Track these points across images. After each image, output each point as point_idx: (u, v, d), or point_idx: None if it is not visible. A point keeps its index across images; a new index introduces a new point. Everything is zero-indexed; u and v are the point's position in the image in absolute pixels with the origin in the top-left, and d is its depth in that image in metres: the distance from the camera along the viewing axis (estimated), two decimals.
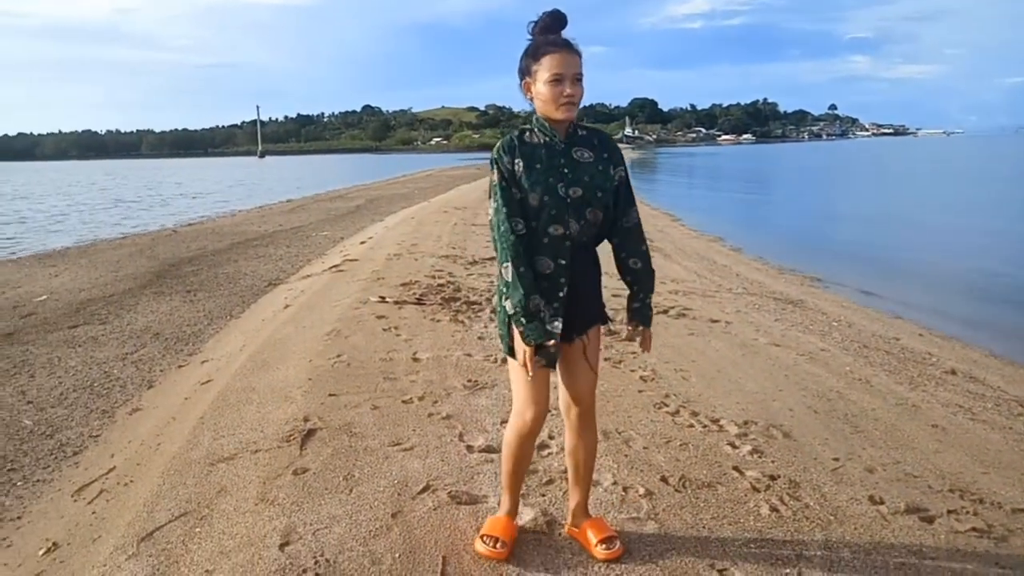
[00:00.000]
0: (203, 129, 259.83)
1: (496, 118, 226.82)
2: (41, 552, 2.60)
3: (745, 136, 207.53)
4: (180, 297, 7.47)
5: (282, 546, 2.38)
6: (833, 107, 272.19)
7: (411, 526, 2.51)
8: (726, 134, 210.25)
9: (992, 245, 12.62)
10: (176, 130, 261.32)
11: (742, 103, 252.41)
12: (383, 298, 6.21)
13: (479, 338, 5.07)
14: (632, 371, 4.37)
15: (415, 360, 4.50)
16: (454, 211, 15.28)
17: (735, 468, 3.05)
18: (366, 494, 2.73)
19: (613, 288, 3.14)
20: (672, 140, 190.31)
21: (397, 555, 2.33)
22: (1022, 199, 22.09)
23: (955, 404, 4.19)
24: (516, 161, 2.13)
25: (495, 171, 2.15)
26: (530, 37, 2.17)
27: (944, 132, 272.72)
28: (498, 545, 2.33)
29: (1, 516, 2.98)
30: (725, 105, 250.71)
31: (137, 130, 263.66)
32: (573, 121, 2.19)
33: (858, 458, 3.22)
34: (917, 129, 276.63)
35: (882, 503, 2.78)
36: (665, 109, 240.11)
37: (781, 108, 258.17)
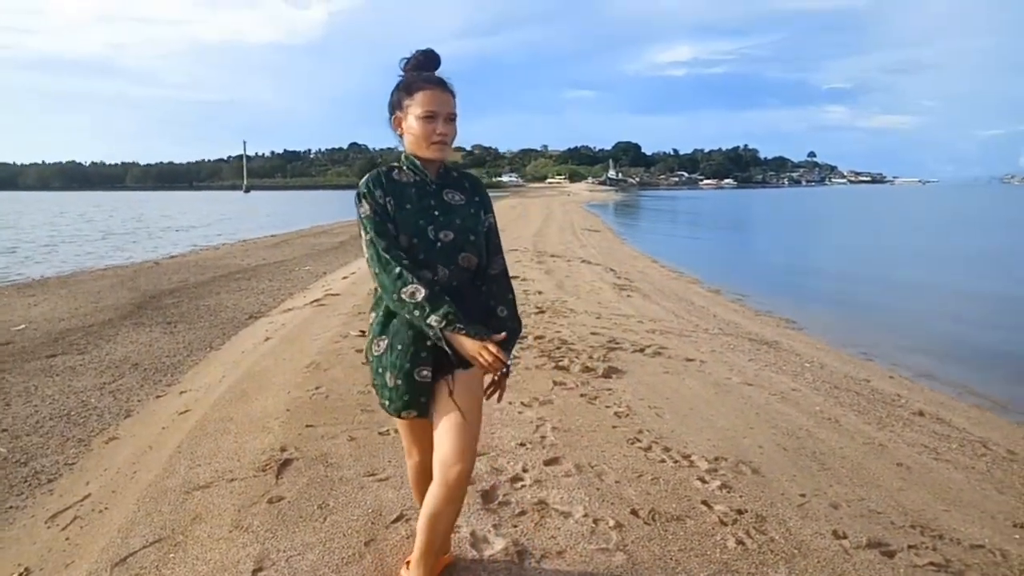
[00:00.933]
0: (189, 163, 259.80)
1: (483, 158, 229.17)
2: None
3: (727, 181, 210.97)
4: (160, 328, 7.47)
5: (255, 571, 2.41)
6: (812, 154, 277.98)
7: (383, 554, 2.55)
8: (708, 179, 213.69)
9: (963, 294, 12.92)
10: (162, 163, 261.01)
11: (723, 148, 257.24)
12: (363, 332, 6.26)
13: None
14: (607, 407, 4.44)
15: None
16: None
17: (704, 502, 3.11)
18: (340, 522, 2.76)
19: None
20: (655, 183, 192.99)
21: None
22: (992, 248, 22.62)
23: (921, 444, 4.31)
24: (387, 199, 2.01)
25: (364, 205, 2.00)
26: (401, 74, 2.09)
27: (920, 181, 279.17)
28: None
29: None
30: (707, 150, 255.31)
31: (122, 162, 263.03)
32: (443, 162, 2.11)
33: (824, 494, 3.30)
34: (894, 178, 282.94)
35: (845, 537, 2.86)
36: (648, 153, 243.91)
37: (761, 154, 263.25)
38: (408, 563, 2.31)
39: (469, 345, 1.94)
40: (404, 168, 2.09)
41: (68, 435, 4.25)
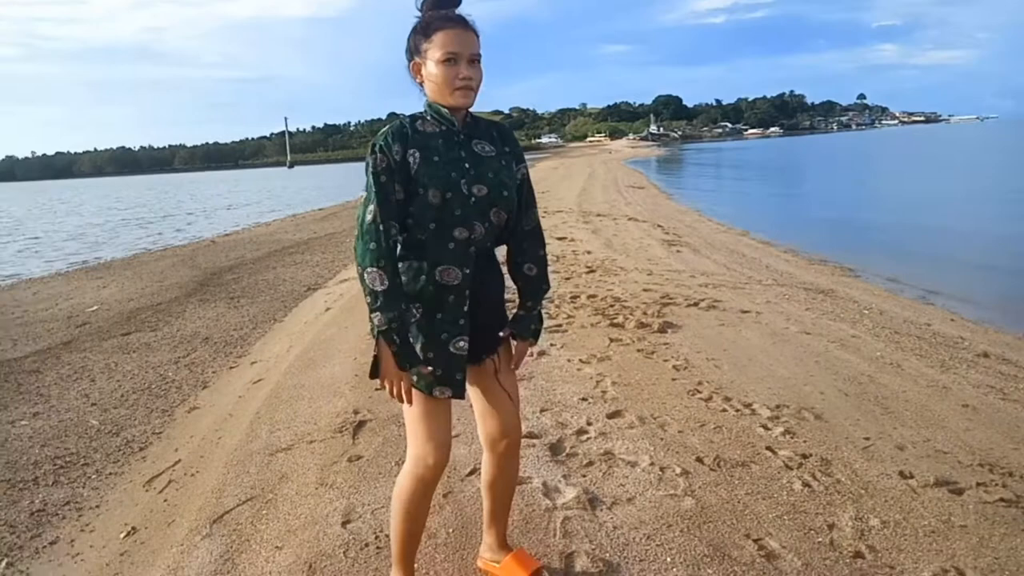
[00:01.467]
0: (233, 142, 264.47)
1: (521, 120, 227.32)
2: (123, 535, 2.82)
3: (772, 129, 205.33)
4: (224, 304, 7.76)
5: (344, 523, 2.57)
6: (862, 96, 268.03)
7: (462, 504, 2.69)
8: (753, 128, 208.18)
9: (1017, 232, 12.46)
10: (207, 144, 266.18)
11: (768, 96, 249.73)
12: None
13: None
14: (665, 361, 4.49)
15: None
16: None
17: (768, 448, 3.17)
18: None
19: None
20: (698, 136, 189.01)
21: (451, 530, 2.50)
22: None
23: (986, 385, 4.25)
24: (410, 152, 1.80)
25: (373, 159, 1.79)
26: (419, 14, 1.88)
27: (978, 118, 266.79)
28: None
29: (81, 505, 3.21)
30: (751, 99, 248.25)
31: (169, 145, 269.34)
32: (469, 109, 1.91)
33: (888, 437, 3.32)
34: (950, 116, 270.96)
35: (912, 477, 2.88)
36: (690, 105, 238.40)
37: (808, 100, 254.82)
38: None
39: (386, 367, 1.80)
40: (428, 118, 1.88)
41: (152, 407, 4.50)
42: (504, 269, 2.05)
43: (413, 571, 2.10)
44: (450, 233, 1.82)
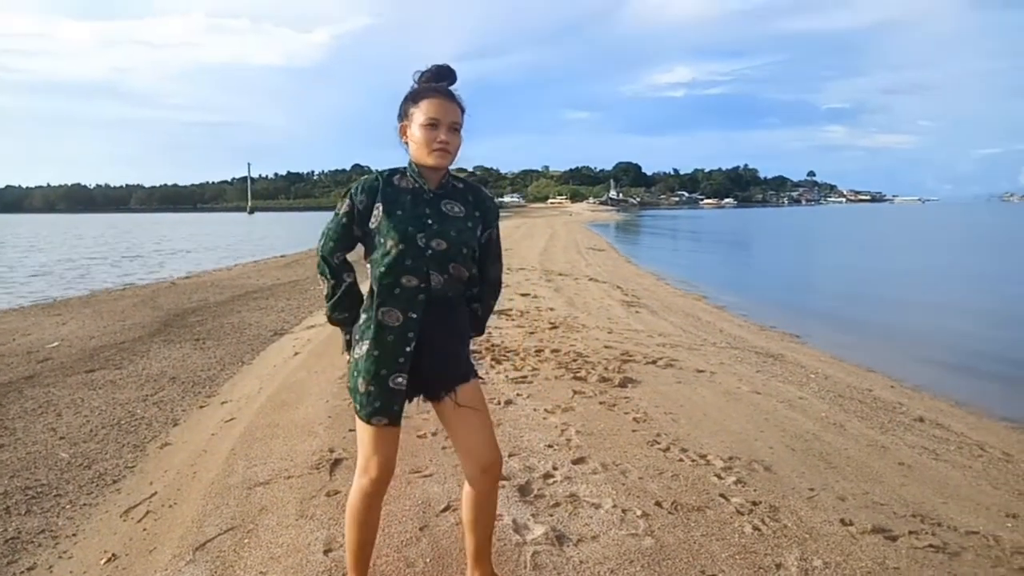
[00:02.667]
0: (193, 185, 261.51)
1: (484, 179, 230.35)
2: (103, 561, 2.89)
3: (727, 200, 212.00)
4: (190, 345, 7.78)
5: (326, 552, 2.70)
6: (812, 173, 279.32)
7: (437, 538, 2.85)
8: (708, 198, 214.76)
9: (961, 310, 13.21)
10: (166, 185, 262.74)
11: (724, 168, 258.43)
12: None
13: (482, 383, 5.42)
14: (625, 413, 4.73)
15: (425, 401, 4.85)
16: None
17: (721, 495, 3.40)
18: (394, 512, 3.05)
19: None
20: (656, 203, 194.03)
21: (428, 560, 2.66)
22: (988, 266, 22.92)
23: (921, 446, 4.59)
24: (376, 205, 2.06)
25: (343, 204, 2.11)
26: (414, 85, 2.13)
27: (919, 199, 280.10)
28: None
29: (57, 534, 3.26)
30: (707, 170, 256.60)
31: (127, 184, 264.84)
32: (447, 172, 2.14)
33: (831, 489, 3.59)
34: (894, 196, 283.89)
35: (851, 524, 3.14)
36: (649, 173, 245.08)
37: (761, 174, 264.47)
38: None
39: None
40: (407, 175, 2.12)
41: (123, 441, 4.54)
42: (467, 320, 2.26)
43: None
44: (399, 280, 2.04)
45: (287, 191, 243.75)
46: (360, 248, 2.20)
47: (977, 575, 2.76)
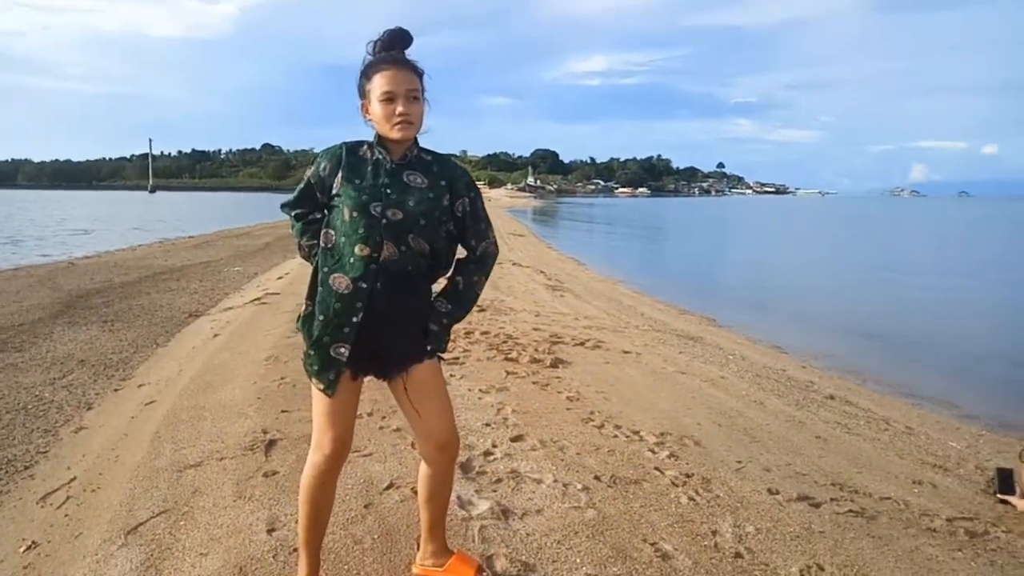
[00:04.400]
0: (88, 160, 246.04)
1: None
2: (22, 549, 2.71)
3: (641, 189, 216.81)
4: (97, 327, 7.36)
5: (269, 531, 2.64)
6: (721, 165, 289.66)
7: (383, 515, 2.82)
8: (623, 187, 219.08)
9: (856, 293, 14.05)
10: (58, 160, 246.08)
11: (638, 158, 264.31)
12: None
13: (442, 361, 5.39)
14: (559, 392, 4.80)
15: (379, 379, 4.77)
16: None
17: (656, 468, 3.51)
18: (338, 491, 2.96)
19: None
20: (572, 191, 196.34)
21: (376, 537, 2.64)
22: (881, 253, 24.47)
23: (834, 421, 4.87)
24: (338, 172, 2.05)
25: (311, 169, 2.12)
26: (369, 56, 2.07)
27: (820, 192, 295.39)
28: None
29: None
30: (622, 159, 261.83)
31: (12, 159, 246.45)
32: (415, 143, 2.10)
33: (757, 461, 3.77)
34: (796, 189, 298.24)
35: (778, 493, 3.31)
36: (566, 161, 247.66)
37: (674, 164, 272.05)
38: (419, 540, 2.41)
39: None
40: (373, 146, 2.09)
41: (31, 426, 4.26)
42: (428, 298, 2.17)
43: (318, 559, 2.24)
44: (352, 248, 2.01)
45: (192, 170, 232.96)
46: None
47: (892, 535, 2.96)
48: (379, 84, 2.00)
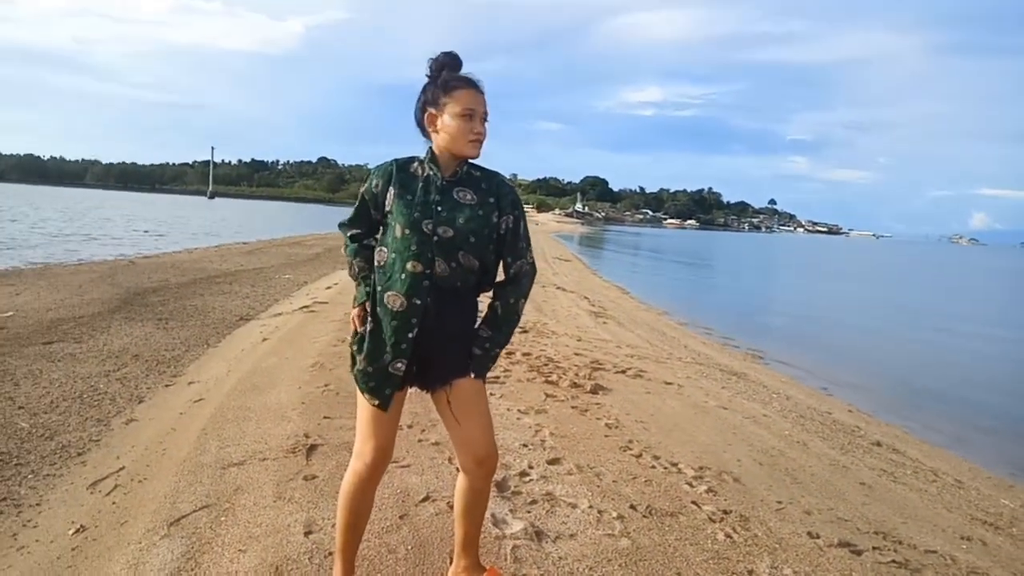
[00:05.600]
0: (152, 164, 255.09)
1: None
2: (71, 532, 2.81)
3: (689, 222, 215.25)
4: (152, 324, 7.61)
5: (306, 534, 2.68)
6: (773, 201, 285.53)
7: (418, 527, 2.84)
8: (672, 218, 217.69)
9: (911, 341, 13.64)
10: (124, 163, 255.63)
11: (688, 190, 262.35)
12: None
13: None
14: (597, 419, 4.78)
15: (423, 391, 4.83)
16: None
17: (693, 502, 3.46)
18: (375, 500, 3.03)
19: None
20: (621, 219, 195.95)
21: (409, 547, 2.66)
22: (937, 303, 23.73)
23: (880, 468, 4.74)
24: (389, 188, 2.10)
25: (365, 186, 2.18)
26: (429, 73, 2.13)
27: (874, 235, 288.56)
28: None
29: (20, 502, 3.16)
30: (672, 190, 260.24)
31: (83, 159, 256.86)
32: (464, 160, 2.14)
33: (797, 503, 3.68)
34: (849, 230, 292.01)
35: (818, 537, 3.23)
36: (615, 189, 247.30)
37: (724, 198, 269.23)
38: (451, 554, 2.41)
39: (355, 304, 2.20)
40: (424, 162, 2.13)
41: (86, 415, 4.42)
42: (475, 314, 2.21)
43: (353, 566, 2.28)
44: (404, 265, 2.04)
45: (250, 178, 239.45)
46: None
47: None
48: (462, 100, 2.06)
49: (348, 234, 2.28)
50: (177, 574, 2.39)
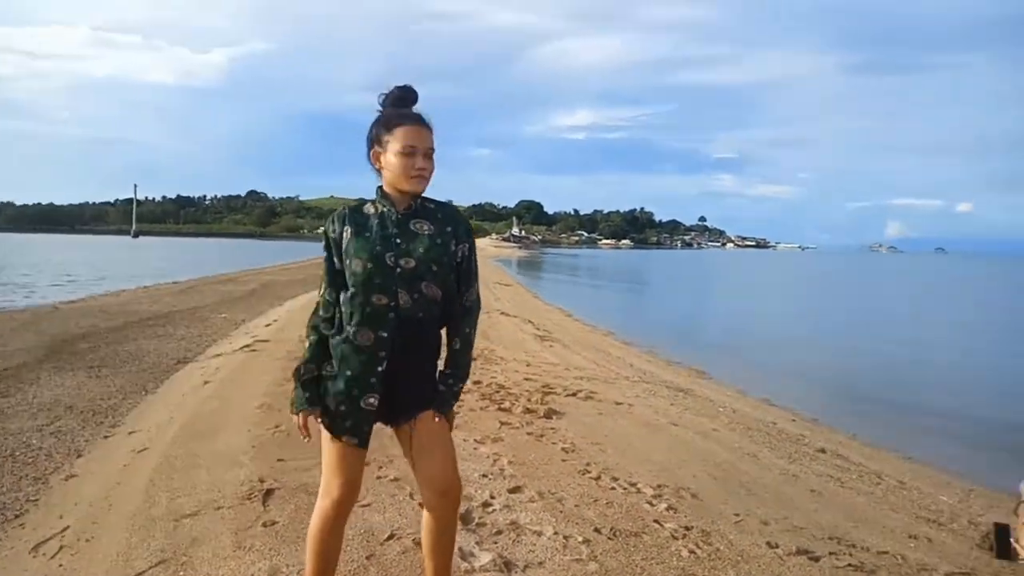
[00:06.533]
0: (71, 205, 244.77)
1: None
2: None
3: (624, 241, 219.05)
4: (84, 372, 7.28)
5: None
6: (703, 219, 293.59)
7: (386, 566, 2.80)
8: (606, 238, 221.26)
9: (841, 349, 14.20)
10: (40, 204, 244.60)
11: (621, 210, 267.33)
12: None
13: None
14: (553, 443, 4.80)
15: (386, 425, 4.75)
16: None
17: (655, 521, 3.51)
18: None
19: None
20: (557, 241, 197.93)
21: None
22: (863, 310, 24.79)
23: (827, 475, 4.91)
24: (345, 229, 2.11)
25: (323, 242, 2.17)
26: (379, 109, 2.16)
27: (800, 247, 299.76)
28: None
29: None
30: (606, 211, 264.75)
31: None
32: (417, 196, 2.15)
33: (754, 514, 3.78)
34: (776, 243, 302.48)
35: (778, 547, 3.32)
36: (550, 211, 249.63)
37: (656, 217, 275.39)
38: None
39: (293, 404, 2.14)
40: (376, 201, 2.15)
41: (20, 474, 4.18)
42: (438, 345, 2.20)
43: None
44: (369, 299, 2.05)
45: (176, 215, 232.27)
46: None
47: None
48: (401, 137, 2.07)
49: (312, 324, 2.19)
50: None
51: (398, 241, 2.08)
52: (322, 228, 2.18)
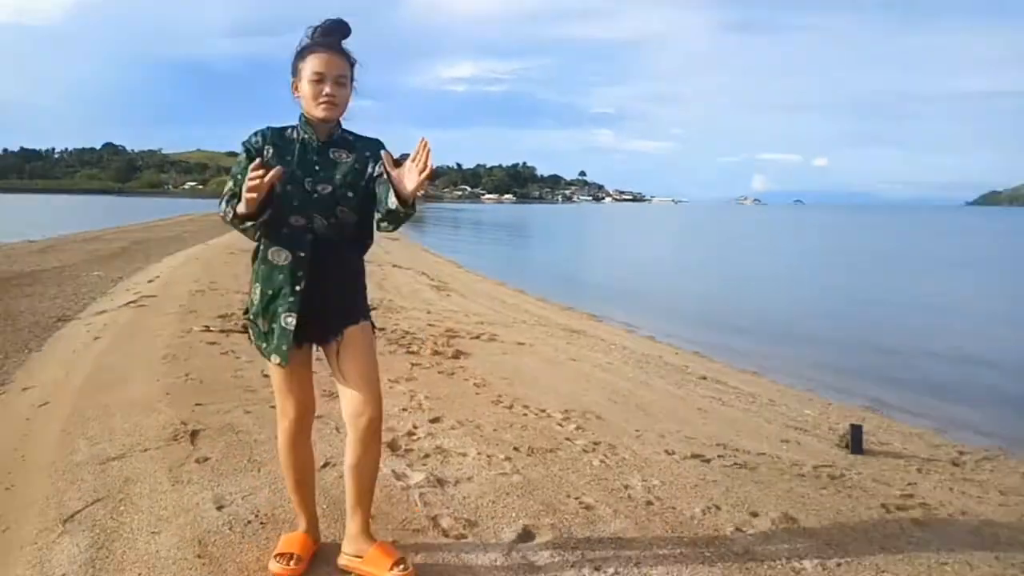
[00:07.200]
0: None
1: None
2: None
3: (507, 196, 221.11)
4: None
5: (219, 508, 2.71)
6: (583, 173, 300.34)
7: (327, 488, 2.96)
8: (489, 193, 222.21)
9: (712, 289, 15.28)
10: None
11: (504, 165, 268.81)
12: (207, 327, 6.30)
13: (317, 359, 5.44)
14: (465, 380, 5.06)
15: (266, 376, 4.79)
16: (242, 252, 14.98)
17: (567, 439, 3.85)
18: (275, 470, 3.08)
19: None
20: (440, 197, 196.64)
21: (324, 507, 2.77)
22: (731, 251, 26.57)
23: (710, 396, 5.45)
24: (267, 148, 2.17)
25: (242, 153, 2.19)
26: (305, 40, 2.20)
27: (673, 200, 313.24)
28: (292, 562, 2.26)
29: None
30: (489, 166, 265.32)
31: None
32: (338, 124, 2.23)
33: (652, 429, 4.21)
34: (652, 197, 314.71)
35: (674, 453, 3.74)
36: (433, 166, 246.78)
37: (539, 172, 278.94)
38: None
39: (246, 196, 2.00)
40: (298, 128, 2.22)
41: None
42: (359, 267, 2.31)
43: (315, 511, 2.46)
44: (286, 220, 2.14)
45: (20, 170, 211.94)
46: None
47: (771, 480, 3.45)
48: (311, 65, 2.14)
49: (224, 200, 2.16)
50: (91, 563, 2.34)
51: (317, 168, 2.17)
52: (243, 141, 2.19)
